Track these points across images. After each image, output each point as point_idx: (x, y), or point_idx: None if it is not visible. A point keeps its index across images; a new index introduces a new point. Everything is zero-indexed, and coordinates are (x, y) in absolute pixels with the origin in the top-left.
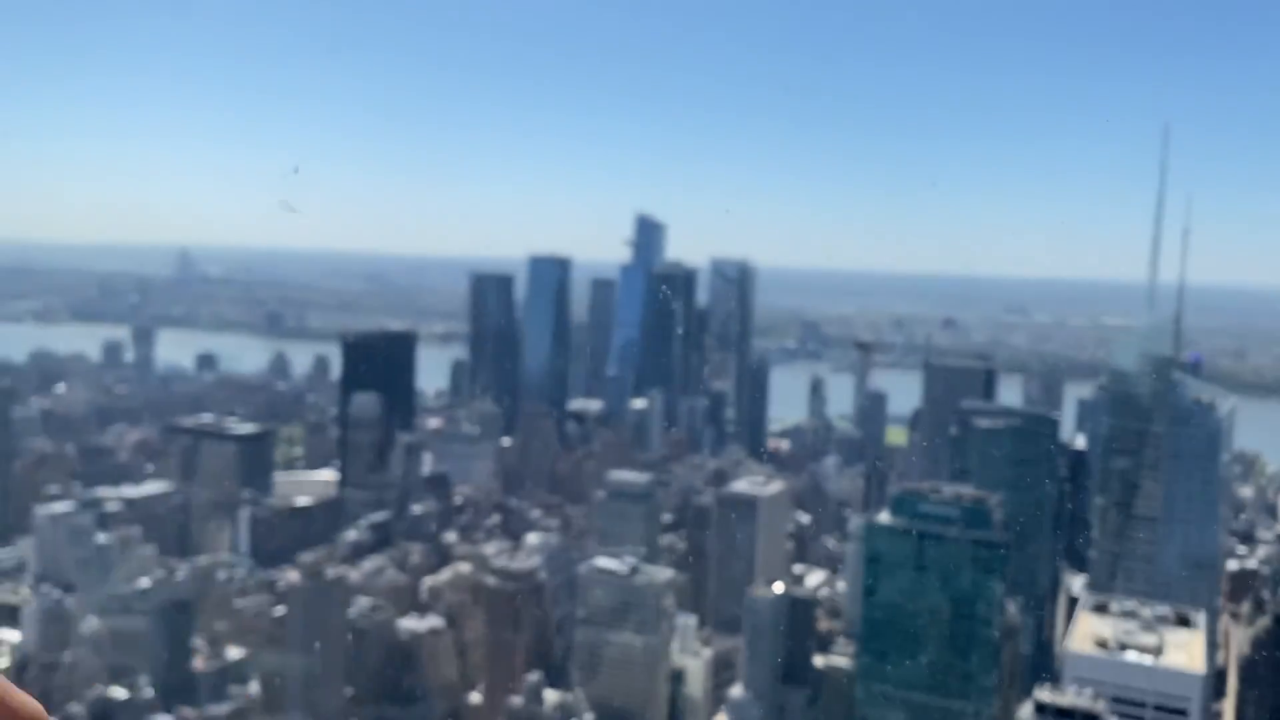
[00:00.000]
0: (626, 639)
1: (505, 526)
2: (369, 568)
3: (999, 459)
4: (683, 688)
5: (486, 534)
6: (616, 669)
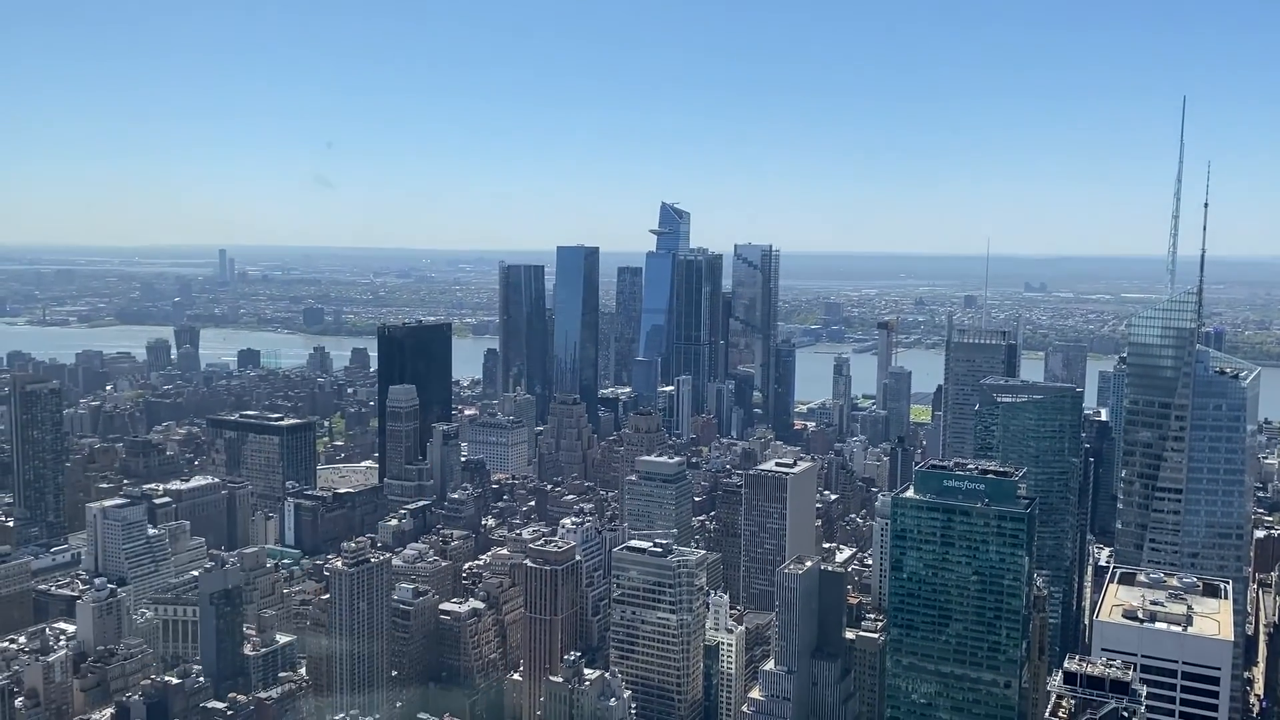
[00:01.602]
0: (661, 617)
1: (541, 511)
2: (410, 553)
3: (1022, 434)
4: (717, 663)
5: (523, 519)
6: (652, 646)
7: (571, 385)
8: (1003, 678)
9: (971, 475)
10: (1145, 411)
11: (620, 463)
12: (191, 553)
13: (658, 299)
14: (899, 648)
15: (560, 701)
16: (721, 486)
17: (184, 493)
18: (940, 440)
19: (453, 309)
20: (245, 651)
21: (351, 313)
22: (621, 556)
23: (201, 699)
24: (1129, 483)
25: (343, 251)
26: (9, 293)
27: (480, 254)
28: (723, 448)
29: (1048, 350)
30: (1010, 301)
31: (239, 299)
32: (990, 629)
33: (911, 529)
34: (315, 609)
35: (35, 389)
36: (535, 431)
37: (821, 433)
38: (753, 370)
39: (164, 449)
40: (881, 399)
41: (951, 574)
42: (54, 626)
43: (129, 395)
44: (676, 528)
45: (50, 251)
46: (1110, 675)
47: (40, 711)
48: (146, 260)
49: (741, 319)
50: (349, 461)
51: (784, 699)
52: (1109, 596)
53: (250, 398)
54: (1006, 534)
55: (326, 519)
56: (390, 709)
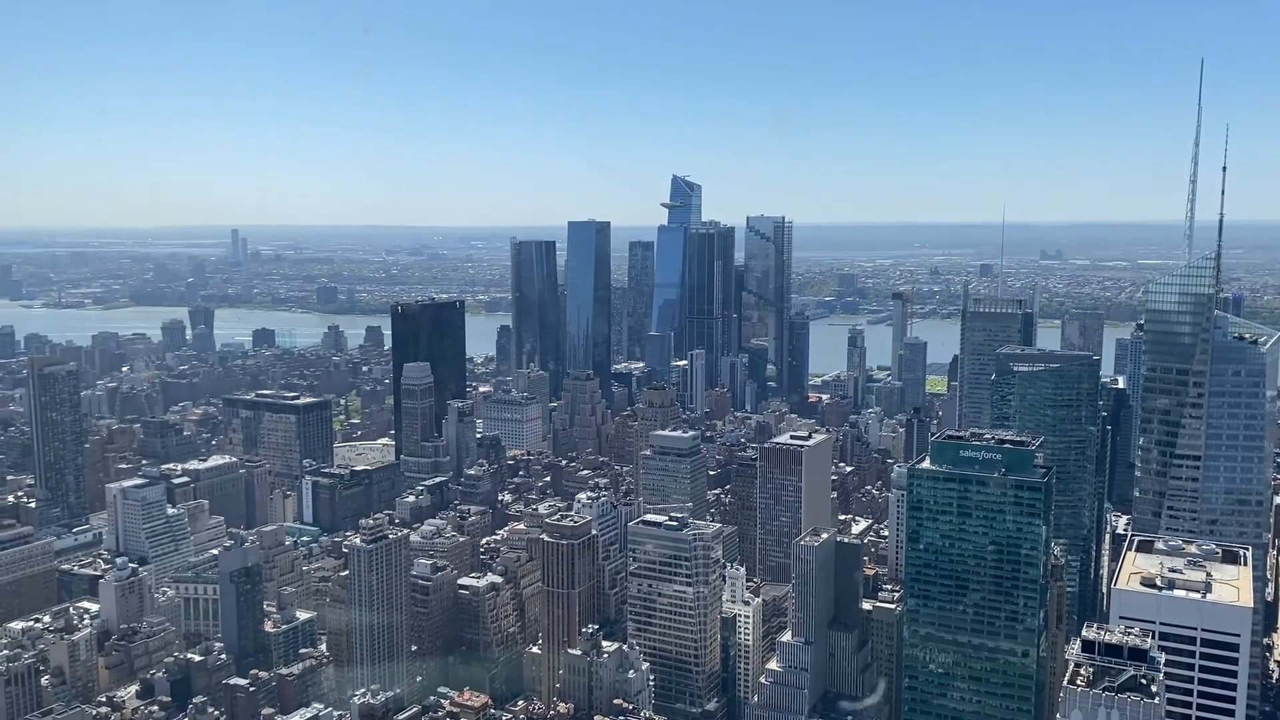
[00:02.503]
0: (678, 590)
1: (556, 486)
2: (428, 529)
3: (1039, 402)
4: (734, 634)
5: (539, 494)
6: (669, 619)
7: (584, 361)
8: (1020, 647)
9: (988, 445)
10: (1163, 378)
11: (634, 438)
12: (211, 531)
13: (670, 273)
14: (916, 618)
15: (579, 673)
16: (736, 460)
17: (202, 472)
18: (956, 411)
19: (465, 286)
20: (266, 628)
21: (365, 291)
22: (637, 530)
23: (224, 675)
24: (1147, 450)
25: (355, 230)
26: (25, 276)
27: (492, 230)
28: (737, 421)
29: (1064, 318)
30: (1026, 270)
31: (253, 279)
32: (1008, 598)
33: (928, 500)
34: (334, 585)
35: (53, 371)
36: (549, 407)
37: (836, 405)
38: (766, 343)
39: (181, 429)
40: (897, 370)
41: (969, 544)
42: (77, 605)
43: (145, 376)
44: (691, 501)
45: (65, 234)
46: (1129, 643)
47: (66, 689)
48: (160, 241)
49: (754, 292)
50: (365, 439)
51: (801, 670)
52: (1127, 564)
53: (266, 377)
54: (1023, 503)
55: (344, 496)
56: (410, 682)
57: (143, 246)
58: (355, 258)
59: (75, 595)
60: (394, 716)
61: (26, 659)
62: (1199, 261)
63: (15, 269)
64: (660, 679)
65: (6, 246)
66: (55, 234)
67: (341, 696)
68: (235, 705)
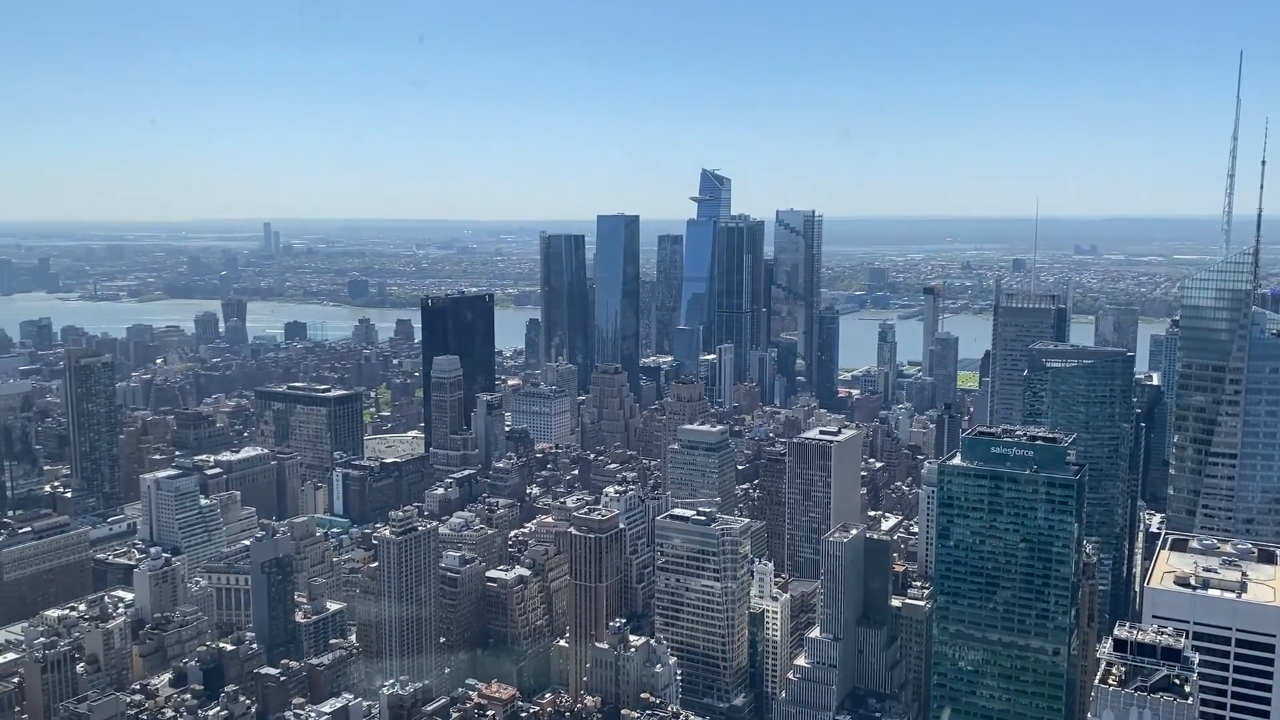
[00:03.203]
0: (705, 584)
1: (584, 479)
2: (457, 522)
3: (1072, 399)
4: (762, 630)
5: (567, 487)
6: (697, 613)
7: (613, 354)
8: (1051, 645)
9: (1020, 442)
10: (1199, 375)
11: (662, 431)
12: (242, 522)
13: (699, 267)
14: (946, 615)
15: (606, 667)
16: (765, 455)
17: (234, 463)
18: (988, 407)
19: (494, 280)
20: (296, 619)
21: (395, 284)
22: (665, 524)
23: (255, 665)
24: (1181, 448)
25: (386, 223)
26: (62, 269)
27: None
28: (765, 416)
29: (1098, 314)
30: (1060, 264)
31: (284, 272)
32: (1039, 596)
33: (959, 496)
34: (364, 577)
35: (89, 363)
36: (578, 401)
37: (866, 400)
38: (795, 338)
39: (214, 421)
40: (928, 365)
41: (999, 541)
42: (112, 594)
43: (179, 368)
44: (719, 496)
45: (100, 228)
46: (1162, 643)
47: (101, 676)
48: (193, 235)
49: (784, 286)
50: (395, 431)
51: (830, 666)
52: (1160, 563)
53: (297, 369)
54: (1055, 500)
55: (374, 488)
56: (439, 674)
57: (177, 240)
58: (386, 251)
59: (110, 584)
60: (422, 708)
61: (62, 646)
62: (1236, 257)
63: (53, 262)
64: (688, 674)
65: (44, 240)
66: (91, 227)
67: (371, 687)
68: (266, 694)
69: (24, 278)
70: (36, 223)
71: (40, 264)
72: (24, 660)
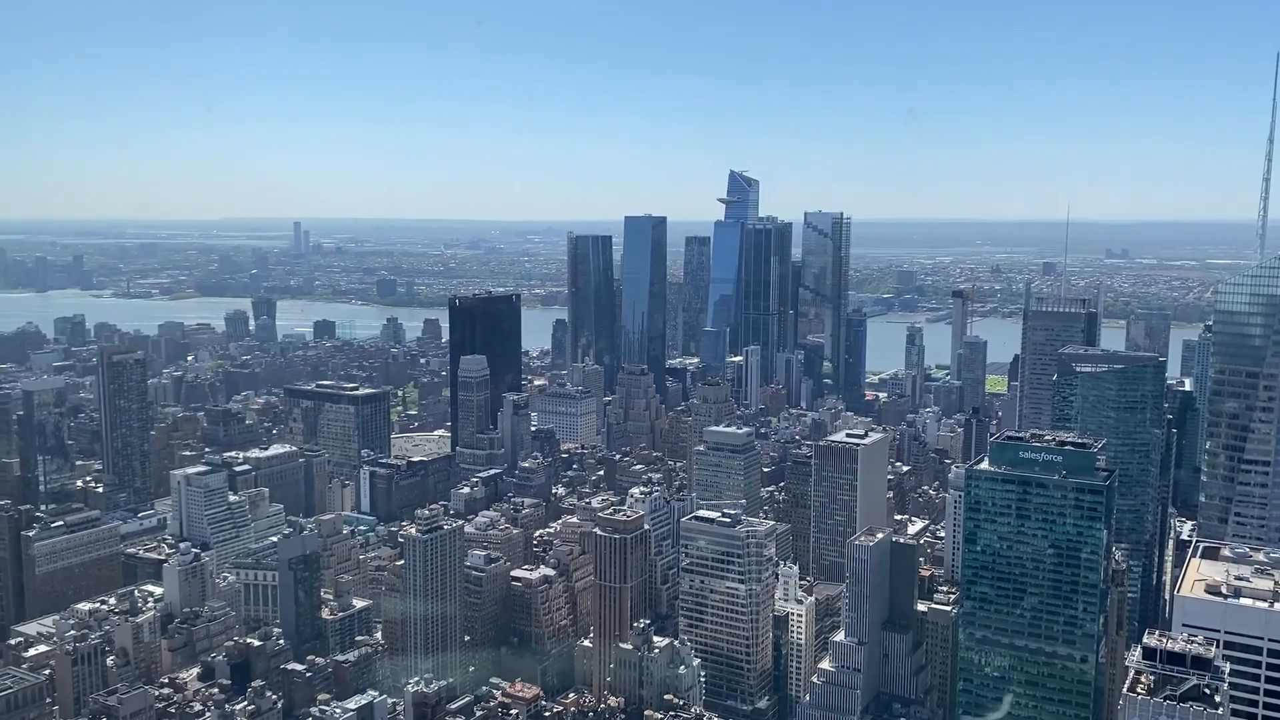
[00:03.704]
0: (730, 586)
1: (610, 480)
2: (482, 521)
3: (1102, 404)
4: (787, 633)
5: (592, 487)
6: (721, 615)
7: (639, 355)
8: (1079, 652)
9: (1048, 447)
10: (1232, 381)
11: (688, 433)
12: (270, 519)
13: (726, 268)
14: (972, 621)
15: (630, 668)
16: (791, 457)
17: (263, 460)
18: (1016, 411)
19: (522, 280)
20: (323, 615)
21: (423, 284)
22: (690, 526)
23: (282, 660)
24: (1214, 454)
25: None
26: (96, 266)
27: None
28: (792, 418)
29: (1129, 319)
30: (1090, 268)
31: (314, 271)
32: (1067, 603)
33: (986, 501)
34: (390, 574)
35: (121, 359)
36: (604, 401)
37: (894, 403)
38: (823, 340)
39: (243, 418)
40: (956, 369)
41: (1027, 547)
42: (142, 588)
43: (209, 365)
44: (745, 498)
45: (134, 225)
46: (1192, 651)
47: (130, 669)
48: (225, 233)
49: (811, 288)
50: (422, 430)
51: (854, 670)
52: (1191, 571)
53: (326, 368)
54: (1084, 506)
55: (400, 486)
56: (463, 672)
57: (208, 238)
58: (414, 251)
59: (140, 578)
60: (446, 706)
61: (93, 639)
62: (1271, 261)
63: (87, 259)
64: (711, 675)
65: (79, 237)
66: (126, 225)
67: (395, 684)
68: (292, 690)
69: (59, 274)
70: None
71: (75, 261)
72: (55, 652)
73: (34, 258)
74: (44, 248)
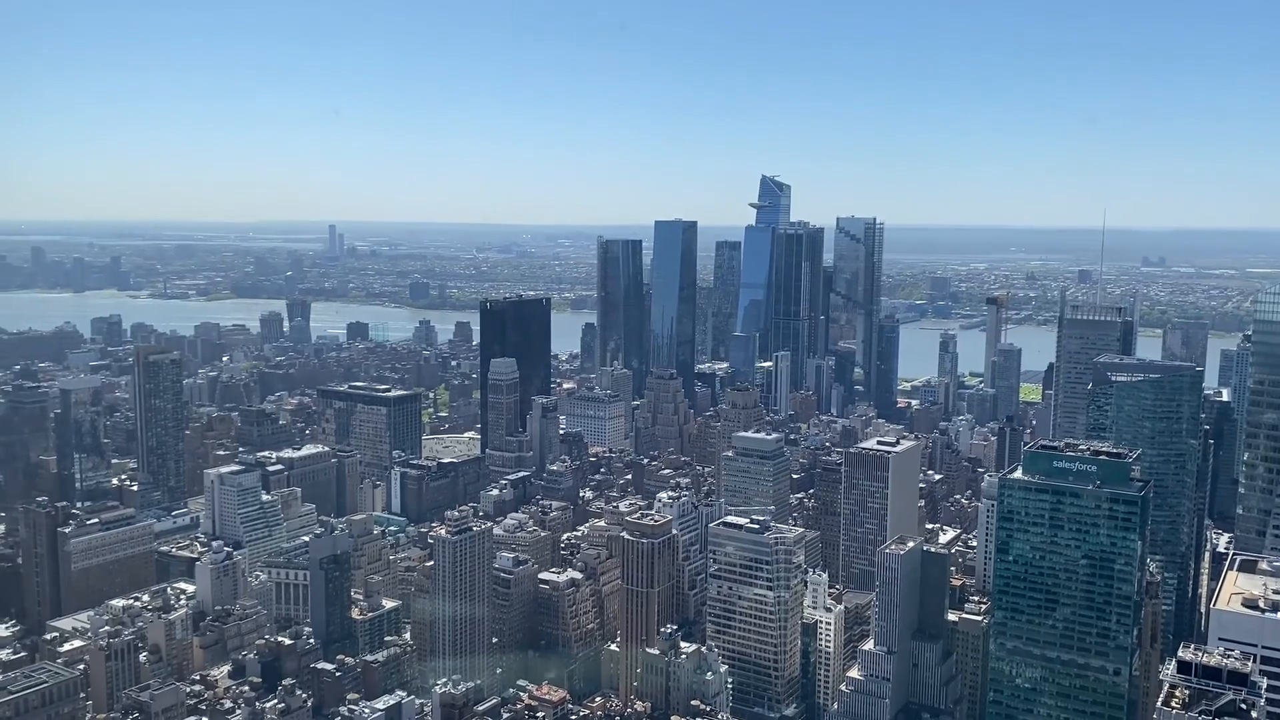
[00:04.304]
0: (758, 593)
1: (638, 484)
2: (511, 523)
3: (1138, 414)
4: (815, 641)
5: (620, 491)
6: (749, 622)
7: (668, 360)
8: (1112, 665)
9: (1083, 456)
10: (1271, 391)
11: (717, 438)
12: (302, 519)
13: (756, 273)
14: (1004, 631)
15: (657, 673)
16: (820, 464)
17: (295, 461)
18: (1051, 420)
19: (552, 284)
20: (353, 615)
21: (455, 287)
22: (718, 532)
23: (312, 660)
24: (1252, 466)
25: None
26: (133, 267)
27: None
28: (822, 425)
29: (1166, 327)
30: (1127, 276)
31: (348, 273)
32: (1100, 614)
33: (1019, 510)
34: (419, 575)
35: (157, 360)
36: (632, 405)
37: (926, 411)
38: (854, 346)
39: (277, 418)
40: (989, 377)
41: (1060, 557)
42: (175, 586)
43: (244, 366)
44: (774, 504)
45: (171, 227)
46: (1228, 666)
47: (162, 666)
48: (261, 236)
49: (843, 294)
50: (452, 432)
51: (883, 679)
52: (1228, 584)
53: (359, 369)
54: (1118, 517)
55: (431, 488)
56: (490, 674)
57: (244, 240)
58: (447, 254)
59: (173, 576)
60: (474, 707)
61: (126, 635)
62: None
63: (124, 260)
64: (738, 682)
65: (117, 238)
66: (163, 227)
67: (423, 685)
68: (322, 689)
69: (97, 275)
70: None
71: (113, 262)
72: (90, 648)
73: (72, 259)
74: (82, 249)
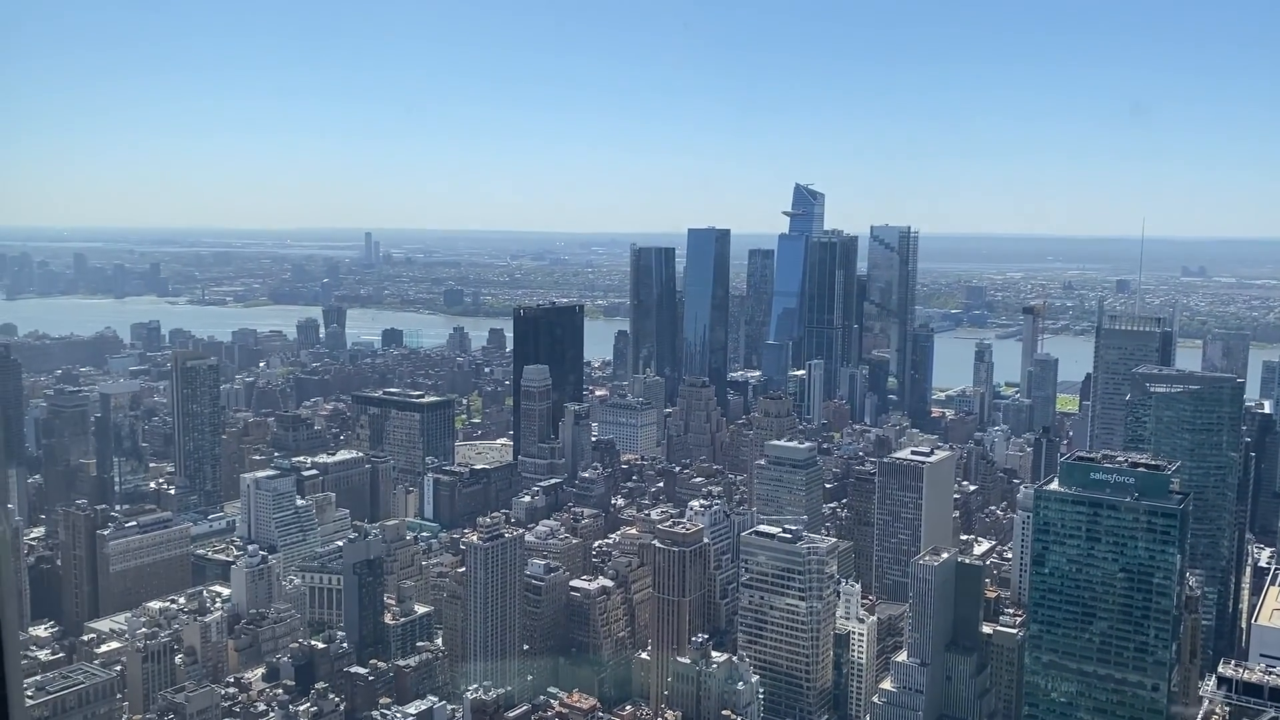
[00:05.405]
0: (790, 603)
1: (669, 492)
2: (543, 530)
3: (1177, 425)
4: (847, 652)
5: (652, 499)
6: (781, 632)
7: (701, 368)
8: (1150, 680)
9: (1121, 468)
10: None
11: (749, 446)
12: (336, 523)
13: (790, 281)
14: (1039, 644)
15: (688, 682)
16: (854, 474)
17: (330, 466)
18: (1088, 431)
19: (585, 291)
20: (385, 620)
21: (489, 294)
22: (750, 541)
23: (345, 664)
24: None
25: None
26: (171, 274)
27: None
28: (855, 434)
29: (1206, 338)
30: (1166, 286)
31: (384, 280)
32: (1138, 628)
33: (1055, 522)
34: (451, 581)
35: (195, 365)
36: (664, 413)
37: (961, 421)
38: (888, 355)
39: (312, 424)
40: (1026, 387)
41: (1097, 570)
42: (210, 589)
43: (280, 372)
44: (806, 514)
45: (209, 234)
46: (1270, 682)
47: (198, 668)
48: (297, 243)
49: (877, 302)
50: (485, 439)
51: (916, 691)
52: (1269, 599)
53: (393, 376)
54: (1157, 530)
55: (463, 494)
56: (521, 681)
57: (281, 248)
58: (481, 261)
59: (208, 579)
60: (505, 713)
61: (163, 637)
62: None
63: (163, 267)
64: (770, 692)
65: (156, 245)
66: (201, 234)
67: (455, 690)
68: (355, 693)
69: (136, 281)
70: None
71: (152, 269)
72: (127, 649)
73: (113, 265)
74: (122, 255)
